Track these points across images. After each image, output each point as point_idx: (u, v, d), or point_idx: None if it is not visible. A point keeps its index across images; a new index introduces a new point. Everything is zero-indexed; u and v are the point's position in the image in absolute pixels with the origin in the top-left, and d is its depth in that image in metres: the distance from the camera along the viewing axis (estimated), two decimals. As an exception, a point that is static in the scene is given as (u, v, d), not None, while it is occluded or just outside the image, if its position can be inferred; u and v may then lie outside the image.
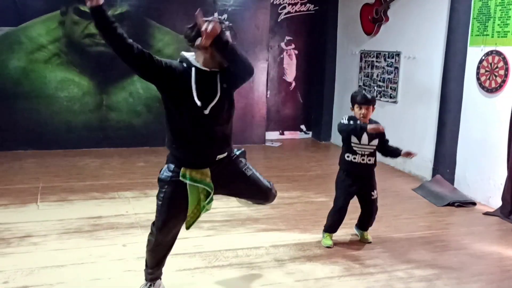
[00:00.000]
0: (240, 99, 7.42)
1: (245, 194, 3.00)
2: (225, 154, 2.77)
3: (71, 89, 6.60)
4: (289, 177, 5.77)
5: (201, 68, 2.61)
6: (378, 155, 3.82)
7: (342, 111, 7.49)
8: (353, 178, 3.73)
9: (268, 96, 7.69)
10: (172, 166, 2.71)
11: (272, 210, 4.56)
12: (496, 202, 4.74)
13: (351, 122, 3.63)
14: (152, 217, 4.21)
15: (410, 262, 3.53)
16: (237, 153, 2.91)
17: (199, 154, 2.69)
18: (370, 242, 3.87)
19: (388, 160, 6.44)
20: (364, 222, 3.91)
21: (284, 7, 7.72)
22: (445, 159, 5.47)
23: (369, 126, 3.55)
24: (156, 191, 4.96)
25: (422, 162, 5.83)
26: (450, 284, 3.23)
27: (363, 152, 3.66)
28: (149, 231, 3.36)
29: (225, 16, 6.97)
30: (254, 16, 7.24)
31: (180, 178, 2.67)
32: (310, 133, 8.24)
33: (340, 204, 3.75)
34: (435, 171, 5.60)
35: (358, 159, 3.67)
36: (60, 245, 3.63)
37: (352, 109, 3.69)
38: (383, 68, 6.50)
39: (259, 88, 7.46)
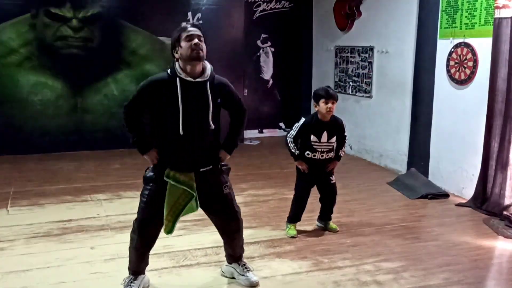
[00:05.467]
0: (217, 98, 7.40)
1: (215, 211, 2.99)
2: (210, 167, 2.83)
3: (45, 93, 6.53)
4: (265, 175, 5.77)
5: (185, 79, 2.66)
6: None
7: (319, 108, 7.51)
8: (312, 170, 3.81)
9: (245, 94, 7.67)
10: (157, 166, 2.79)
11: (246, 208, 4.54)
12: (469, 193, 4.77)
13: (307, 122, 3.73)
14: (123, 218, 4.25)
15: (379, 255, 3.54)
16: (223, 168, 2.95)
17: (183, 162, 2.75)
18: (337, 231, 3.94)
19: (365, 155, 6.49)
20: (326, 210, 3.96)
21: (259, 5, 7.71)
22: (419, 152, 5.51)
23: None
24: (129, 193, 4.99)
25: (398, 155, 5.86)
26: (417, 275, 3.24)
27: (322, 149, 3.73)
28: (119, 233, 3.40)
29: (198, 15, 6.95)
30: (229, 15, 7.22)
31: (164, 177, 2.74)
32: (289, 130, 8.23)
33: (301, 192, 3.86)
34: (410, 164, 5.64)
35: (317, 155, 3.74)
36: (28, 249, 3.59)
37: (316, 105, 3.70)
38: (358, 63, 6.52)
39: (236, 87, 7.32)
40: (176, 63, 2.71)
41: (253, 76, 7.88)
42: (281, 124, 8.24)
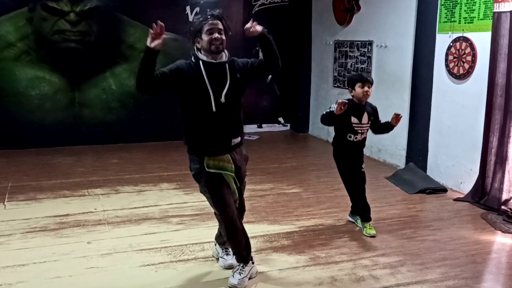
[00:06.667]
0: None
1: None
2: (239, 139, 2.95)
3: (42, 87, 6.51)
4: (263, 170, 5.75)
5: (207, 61, 2.81)
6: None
7: (319, 102, 7.49)
8: (350, 154, 3.85)
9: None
10: (196, 160, 2.90)
11: (243, 203, 4.54)
12: (467, 188, 4.76)
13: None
14: (121, 213, 4.26)
15: (376, 250, 3.54)
16: (244, 155, 3.05)
17: (216, 141, 2.86)
18: (374, 236, 3.77)
19: (364, 149, 6.46)
20: (362, 205, 3.88)
21: (258, -1, 7.68)
22: (417, 147, 5.49)
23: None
24: (127, 187, 5.00)
25: (396, 150, 5.84)
26: (413, 270, 3.23)
27: (362, 131, 3.80)
28: (116, 227, 3.40)
29: (197, 9, 6.92)
30: (228, 9, 7.17)
31: (206, 168, 2.87)
32: (288, 125, 8.23)
33: (352, 183, 3.88)
34: (408, 159, 5.63)
35: (358, 137, 3.79)
36: (24, 244, 3.58)
37: (352, 91, 3.74)
38: (357, 57, 6.49)
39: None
40: (198, 52, 2.85)
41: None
42: (280, 119, 8.22)
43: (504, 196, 4.33)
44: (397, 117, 3.82)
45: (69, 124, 6.69)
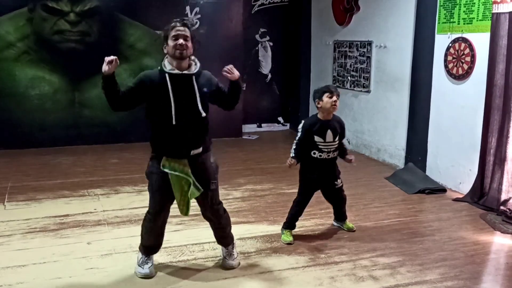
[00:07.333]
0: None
1: (203, 201, 3.12)
2: (200, 150, 2.98)
3: (42, 87, 6.52)
4: (263, 169, 5.76)
5: (173, 73, 2.86)
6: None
7: (318, 102, 7.49)
8: (319, 171, 3.69)
9: (244, 88, 7.64)
10: (155, 161, 2.99)
11: (243, 203, 4.55)
12: (466, 188, 4.77)
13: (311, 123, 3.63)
14: (121, 213, 4.27)
15: (376, 250, 3.55)
16: (212, 165, 3.10)
17: (176, 148, 2.93)
18: (354, 230, 3.90)
19: (363, 149, 6.49)
20: (338, 212, 3.95)
21: (258, -1, 7.69)
22: (416, 147, 5.50)
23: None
24: (127, 188, 5.04)
25: (395, 150, 5.86)
26: (413, 270, 3.25)
27: (328, 149, 3.63)
28: (116, 228, 3.56)
29: (197, 9, 6.92)
30: (227, 9, 7.19)
31: (161, 167, 2.93)
32: (288, 124, 8.24)
33: (305, 196, 3.76)
34: (407, 159, 5.64)
35: (324, 155, 3.62)
36: (24, 244, 3.59)
37: (319, 102, 3.58)
38: (356, 57, 6.50)
39: (234, 81, 7.40)
40: (165, 59, 2.93)
41: (252, 71, 7.86)
42: (280, 119, 8.23)
43: (503, 197, 4.34)
44: (350, 161, 3.74)
45: (69, 124, 6.70)
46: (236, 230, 3.86)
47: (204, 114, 2.93)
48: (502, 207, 4.28)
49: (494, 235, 3.88)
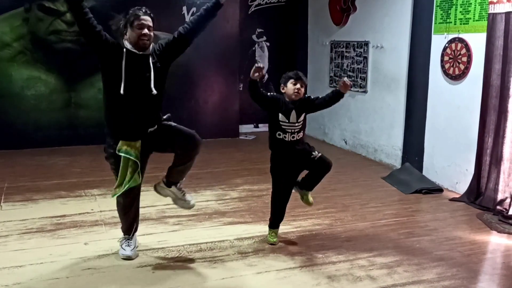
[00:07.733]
0: (212, 93, 7.38)
1: (174, 144, 3.18)
2: (155, 127, 3.12)
3: (38, 87, 6.50)
4: (260, 170, 5.74)
5: (131, 50, 2.96)
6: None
7: (314, 102, 7.50)
8: (287, 155, 3.54)
9: (241, 89, 7.64)
10: (111, 142, 3.12)
11: (240, 203, 4.55)
12: (463, 188, 4.78)
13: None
14: (117, 214, 4.23)
15: (373, 250, 3.55)
16: (164, 117, 3.22)
17: (132, 128, 3.03)
18: (311, 204, 3.74)
19: (359, 150, 6.50)
20: (311, 179, 3.63)
21: (254, -1, 7.69)
22: (413, 147, 5.52)
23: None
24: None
25: (392, 150, 5.87)
26: (410, 270, 3.25)
27: (292, 130, 3.49)
28: (113, 228, 3.63)
29: (193, 9, 6.92)
30: (224, 9, 7.00)
31: (117, 151, 3.06)
32: (285, 125, 8.22)
33: (279, 190, 3.60)
34: (404, 159, 5.65)
35: (288, 137, 3.48)
36: (21, 245, 3.57)
37: (284, 87, 3.50)
38: (353, 58, 6.51)
39: (231, 81, 7.41)
40: (125, 40, 3.01)
41: (249, 71, 7.74)
42: (276, 119, 8.21)
43: (499, 196, 4.36)
44: (344, 84, 3.43)
45: (65, 124, 6.68)
46: (234, 230, 3.89)
47: (155, 92, 3.00)
48: (498, 207, 4.30)
49: (490, 235, 3.89)
